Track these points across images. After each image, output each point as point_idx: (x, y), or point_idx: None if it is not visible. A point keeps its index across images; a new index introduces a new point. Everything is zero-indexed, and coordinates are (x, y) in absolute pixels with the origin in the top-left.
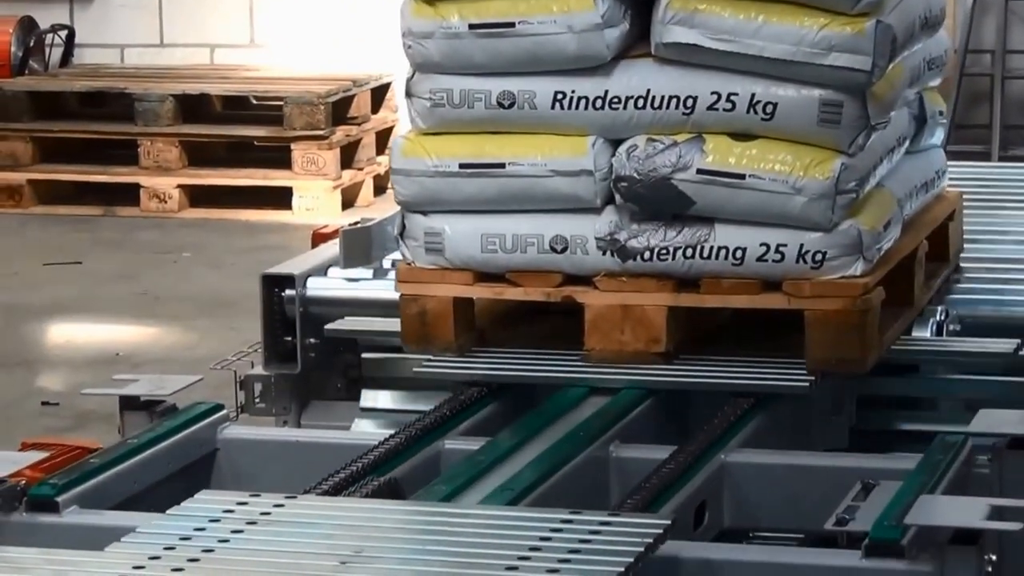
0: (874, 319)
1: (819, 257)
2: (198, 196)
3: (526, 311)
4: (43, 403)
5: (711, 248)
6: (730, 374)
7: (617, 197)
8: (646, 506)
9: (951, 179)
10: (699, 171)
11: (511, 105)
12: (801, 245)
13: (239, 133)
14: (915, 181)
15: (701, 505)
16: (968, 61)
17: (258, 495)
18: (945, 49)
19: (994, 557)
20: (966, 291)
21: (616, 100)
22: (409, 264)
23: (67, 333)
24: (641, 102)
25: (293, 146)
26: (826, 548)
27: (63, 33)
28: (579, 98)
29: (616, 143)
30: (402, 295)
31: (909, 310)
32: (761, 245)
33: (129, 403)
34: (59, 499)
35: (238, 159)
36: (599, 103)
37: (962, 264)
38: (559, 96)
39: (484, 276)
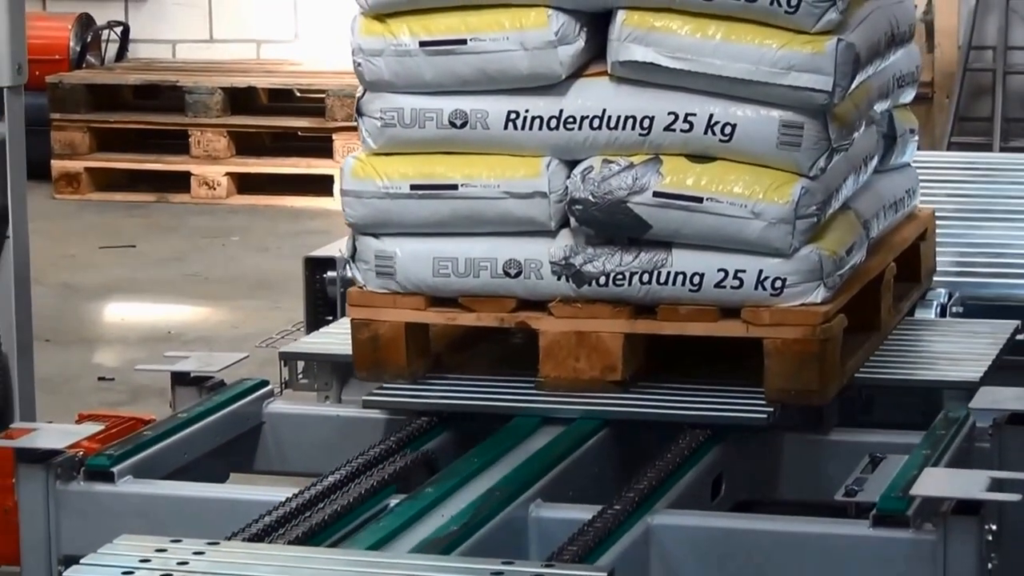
0: (835, 348)
1: (778, 283)
2: (245, 183)
3: (485, 332)
4: (99, 378)
5: (668, 273)
6: (687, 404)
7: (572, 220)
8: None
9: (955, 169)
10: (656, 194)
11: (463, 124)
12: (760, 271)
13: (284, 124)
14: (883, 201)
15: (718, 477)
16: (971, 57)
17: (179, 541)
18: (917, 65)
19: (994, 527)
20: (969, 274)
21: (571, 120)
22: (361, 288)
23: (121, 312)
24: (597, 122)
25: (334, 136)
26: (836, 518)
27: (118, 29)
28: (533, 118)
29: (571, 164)
30: (353, 320)
31: (876, 335)
32: (719, 271)
33: (180, 379)
34: (114, 469)
35: (283, 148)
36: (553, 123)
37: (965, 248)
38: (512, 115)
39: (437, 300)
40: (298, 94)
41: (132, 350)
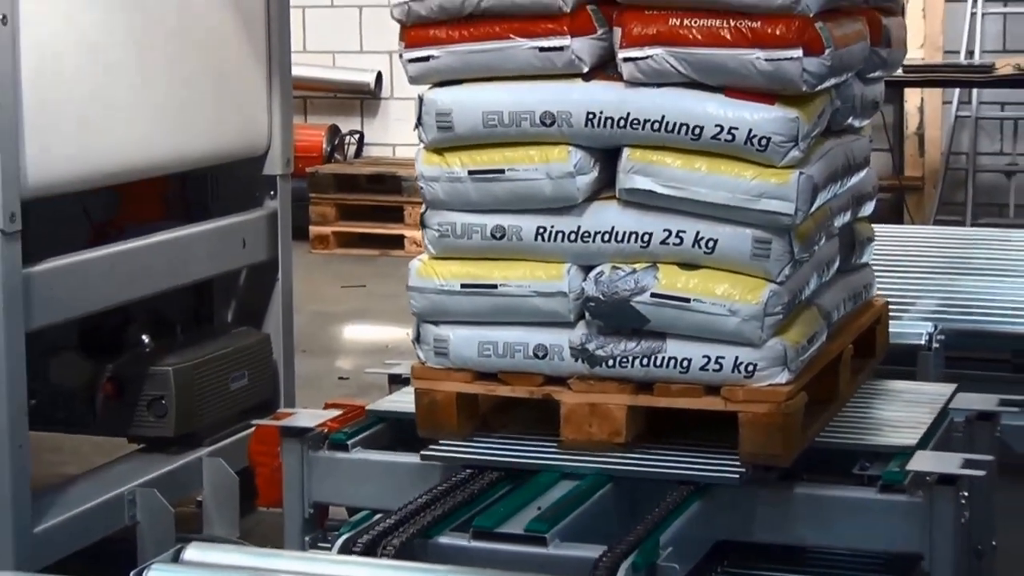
0: (797, 420)
1: (751, 368)
2: None
3: (521, 399)
4: (339, 378)
5: (663, 358)
6: (675, 464)
7: (587, 314)
8: None
9: (939, 238)
10: (653, 295)
11: (502, 237)
12: (736, 357)
13: None
14: (843, 296)
15: None
16: (951, 160)
17: None
18: (873, 185)
19: (966, 494)
20: (949, 311)
21: (587, 234)
22: (422, 364)
23: (356, 332)
24: (607, 236)
25: None
26: (853, 485)
27: (357, 136)
28: (557, 232)
29: (587, 269)
30: (416, 389)
31: (834, 404)
32: (703, 357)
33: (395, 378)
34: (349, 442)
35: None
36: (573, 237)
37: (946, 295)
38: (541, 230)
39: (481, 375)
40: None
41: (362, 358)
